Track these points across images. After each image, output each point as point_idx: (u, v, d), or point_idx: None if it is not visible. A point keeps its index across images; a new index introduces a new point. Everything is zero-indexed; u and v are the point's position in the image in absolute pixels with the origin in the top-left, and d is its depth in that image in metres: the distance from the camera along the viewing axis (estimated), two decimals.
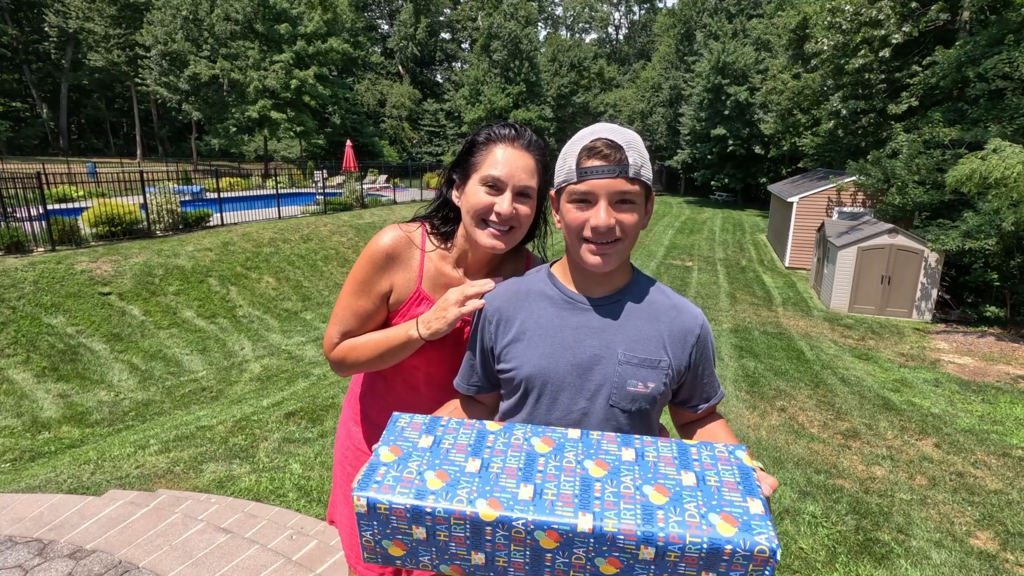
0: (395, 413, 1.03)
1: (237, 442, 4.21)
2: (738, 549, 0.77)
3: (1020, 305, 11.52)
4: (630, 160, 0.96)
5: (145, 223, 11.19)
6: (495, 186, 1.12)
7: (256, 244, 12.01)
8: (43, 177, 9.95)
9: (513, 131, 1.15)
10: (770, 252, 19.40)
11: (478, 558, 0.85)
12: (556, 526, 0.80)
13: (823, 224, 14.49)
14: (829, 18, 15.88)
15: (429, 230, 1.26)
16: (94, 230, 10.46)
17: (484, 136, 1.16)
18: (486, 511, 0.81)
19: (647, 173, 1.00)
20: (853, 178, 15.28)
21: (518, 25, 35.98)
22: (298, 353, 8.81)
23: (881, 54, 14.99)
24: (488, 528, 0.81)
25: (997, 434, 6.23)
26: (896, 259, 12.03)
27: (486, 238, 1.14)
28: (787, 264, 17.15)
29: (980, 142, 11.51)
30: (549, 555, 0.82)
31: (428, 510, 0.82)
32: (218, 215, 12.78)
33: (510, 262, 1.30)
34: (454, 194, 1.22)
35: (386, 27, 49.01)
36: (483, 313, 1.10)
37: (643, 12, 55.76)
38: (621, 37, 57.89)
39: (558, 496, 0.84)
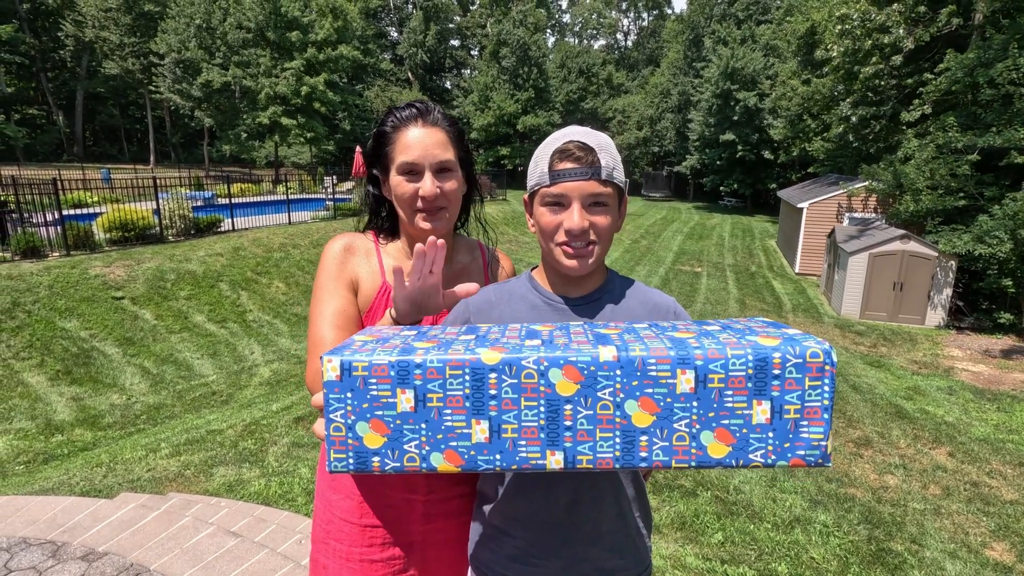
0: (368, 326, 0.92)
1: (247, 446, 4.24)
2: (788, 357, 0.65)
3: None
4: (602, 162, 0.96)
5: (158, 228, 11.32)
6: (413, 171, 1.09)
7: (266, 249, 12.11)
8: (59, 183, 10.11)
9: (415, 110, 1.11)
10: (780, 258, 19.27)
11: (480, 431, 0.69)
12: (574, 359, 0.67)
13: (834, 230, 14.38)
14: (839, 26, 15.80)
15: (377, 232, 1.23)
16: (108, 235, 10.60)
17: (389, 125, 1.12)
18: (489, 355, 0.68)
19: (619, 175, 1.00)
20: (864, 183, 15.16)
21: (527, 32, 36.13)
22: (307, 357, 8.86)
23: (892, 61, 14.91)
24: (492, 376, 0.67)
25: (1013, 443, 6.14)
26: (908, 265, 11.92)
27: (422, 223, 1.11)
28: (797, 270, 17.02)
29: (994, 147, 11.41)
30: (569, 407, 0.67)
31: (418, 362, 0.68)
32: (229, 220, 12.91)
33: (465, 251, 1.27)
34: (384, 190, 1.17)
35: (396, 34, 49.41)
36: (465, 314, 1.10)
37: (651, 18, 55.84)
38: (630, 43, 57.97)
39: (571, 342, 0.72)
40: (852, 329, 11.42)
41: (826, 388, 0.66)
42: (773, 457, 0.67)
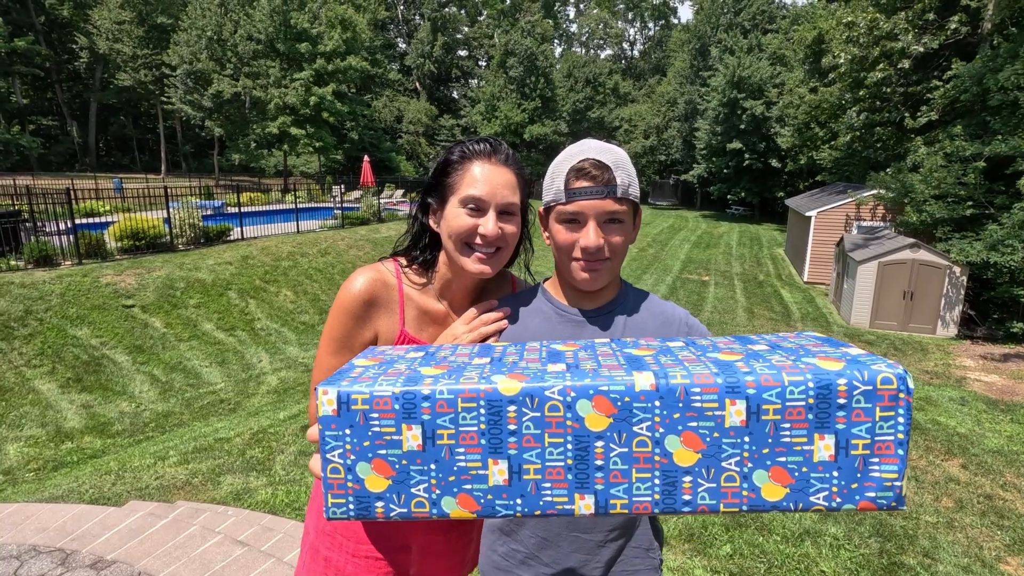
0: (371, 346, 0.85)
1: (254, 454, 4.25)
2: (855, 383, 0.56)
3: None
4: (618, 180, 0.97)
5: (168, 237, 11.43)
6: (477, 206, 1.03)
7: (275, 258, 12.19)
8: (71, 192, 10.26)
9: (488, 146, 1.07)
10: (788, 267, 19.17)
11: (498, 472, 0.60)
12: (606, 389, 0.58)
13: (842, 238, 14.30)
14: (846, 33, 15.81)
15: (405, 264, 1.15)
16: (119, 244, 10.72)
17: (458, 154, 1.08)
18: (507, 384, 0.59)
19: (634, 191, 1.01)
20: (873, 192, 15.09)
21: (534, 42, 36.39)
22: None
23: (900, 66, 14.89)
24: (512, 409, 0.59)
25: None
26: (918, 274, 11.82)
27: (472, 264, 1.05)
28: (805, 279, 16.92)
29: (1001, 155, 11.34)
30: (600, 444, 0.58)
31: (426, 393, 0.59)
32: (238, 229, 13.02)
33: (496, 289, 1.22)
34: (431, 220, 1.12)
35: (403, 45, 49.90)
36: None
37: (658, 28, 56.07)
38: (636, 53, 58.20)
39: (600, 366, 0.63)
40: (862, 339, 11.32)
41: (900, 420, 0.57)
42: (839, 500, 0.59)
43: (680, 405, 0.57)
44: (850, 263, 12.70)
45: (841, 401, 0.56)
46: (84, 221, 11.61)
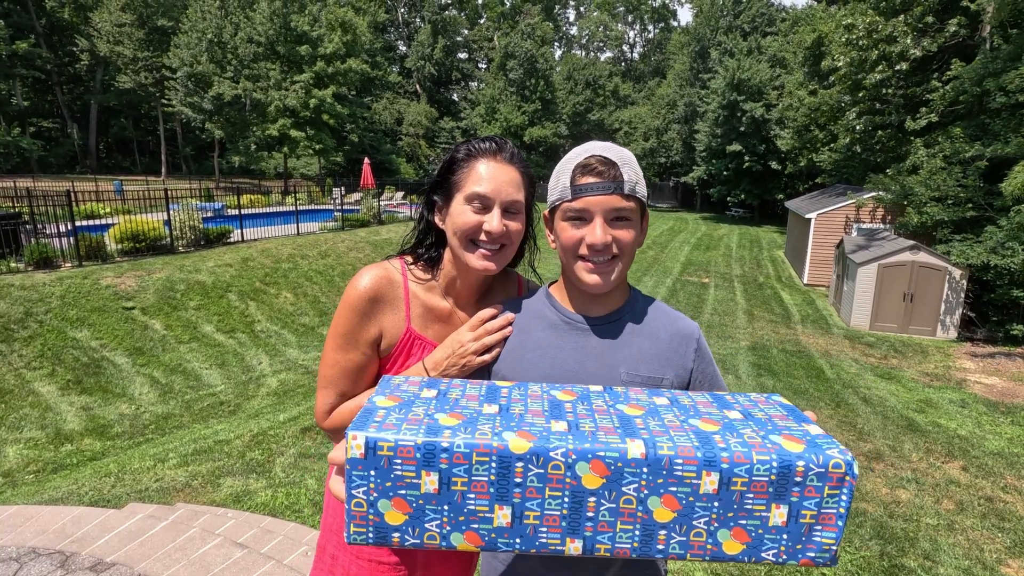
0: (385, 375, 0.92)
1: (254, 457, 4.24)
2: (811, 466, 0.67)
3: None
4: (625, 177, 0.95)
5: (168, 239, 11.44)
6: (481, 203, 1.04)
7: (275, 260, 12.19)
8: (72, 195, 10.26)
9: (494, 144, 1.08)
10: (788, 269, 19.17)
11: (503, 516, 0.69)
12: (602, 455, 0.67)
13: (842, 241, 14.31)
14: (845, 35, 15.85)
15: (411, 261, 1.16)
16: (119, 246, 10.72)
17: (464, 152, 1.09)
18: (517, 442, 0.68)
19: (641, 190, 0.99)
20: (872, 194, 15.11)
21: (534, 44, 36.46)
22: (315, 368, 8.88)
23: (898, 67, 14.92)
24: (519, 465, 0.67)
25: None
26: (918, 276, 11.82)
27: (477, 260, 1.06)
28: (805, 281, 16.93)
29: (1003, 156, 11.35)
30: (592, 499, 0.68)
31: (444, 446, 0.67)
32: (238, 231, 13.03)
33: (500, 287, 1.22)
34: (436, 217, 1.14)
35: (404, 48, 49.98)
36: None
37: (658, 31, 56.18)
38: (636, 55, 58.31)
39: (597, 428, 0.73)
40: (862, 340, 11.31)
41: (844, 497, 0.68)
42: (784, 557, 0.70)
43: (664, 472, 0.68)
44: (850, 265, 12.71)
45: (798, 479, 0.68)
46: (84, 223, 11.62)
